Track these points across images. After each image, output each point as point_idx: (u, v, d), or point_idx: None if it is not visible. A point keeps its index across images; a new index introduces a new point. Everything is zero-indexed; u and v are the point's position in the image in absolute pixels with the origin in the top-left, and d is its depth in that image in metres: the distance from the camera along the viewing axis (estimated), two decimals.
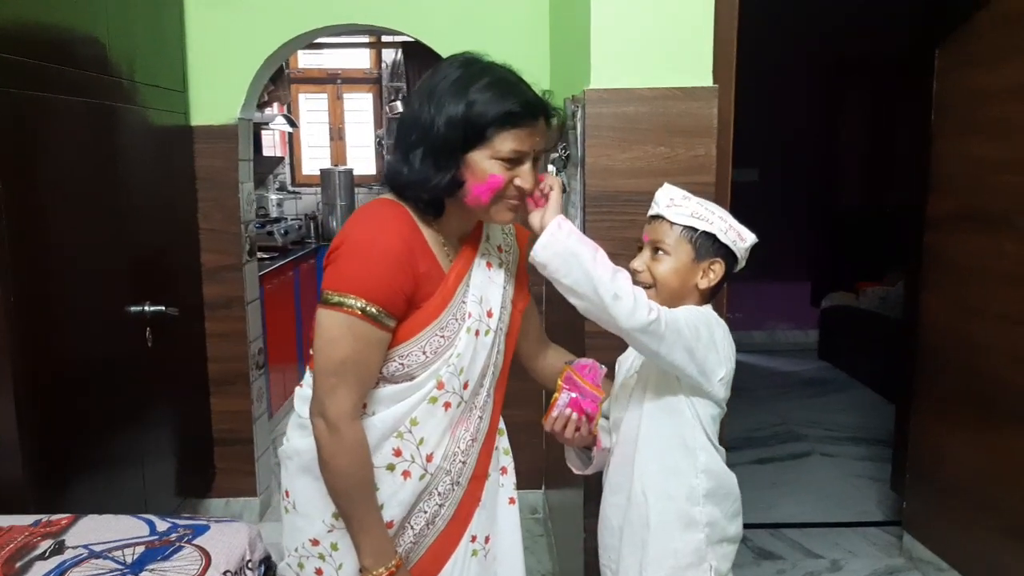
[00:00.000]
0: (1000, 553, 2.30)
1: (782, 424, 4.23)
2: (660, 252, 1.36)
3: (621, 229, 1.82)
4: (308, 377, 1.37)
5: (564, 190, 2.11)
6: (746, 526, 1.49)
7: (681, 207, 1.36)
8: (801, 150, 5.44)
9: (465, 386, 1.33)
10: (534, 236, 1.26)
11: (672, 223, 1.35)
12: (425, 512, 1.35)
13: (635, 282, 1.31)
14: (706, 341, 1.31)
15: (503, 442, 1.50)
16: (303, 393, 1.37)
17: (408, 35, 2.88)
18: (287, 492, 1.39)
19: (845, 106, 5.64)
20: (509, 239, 1.47)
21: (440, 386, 1.29)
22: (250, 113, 2.94)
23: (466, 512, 1.40)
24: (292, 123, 5.42)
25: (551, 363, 1.56)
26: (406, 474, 1.31)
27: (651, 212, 1.40)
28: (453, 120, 1.19)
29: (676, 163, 1.81)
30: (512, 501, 1.50)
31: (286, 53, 3.01)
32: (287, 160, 5.78)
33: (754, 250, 1.43)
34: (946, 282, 2.56)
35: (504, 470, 1.50)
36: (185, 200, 2.81)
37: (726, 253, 1.37)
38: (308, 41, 3.05)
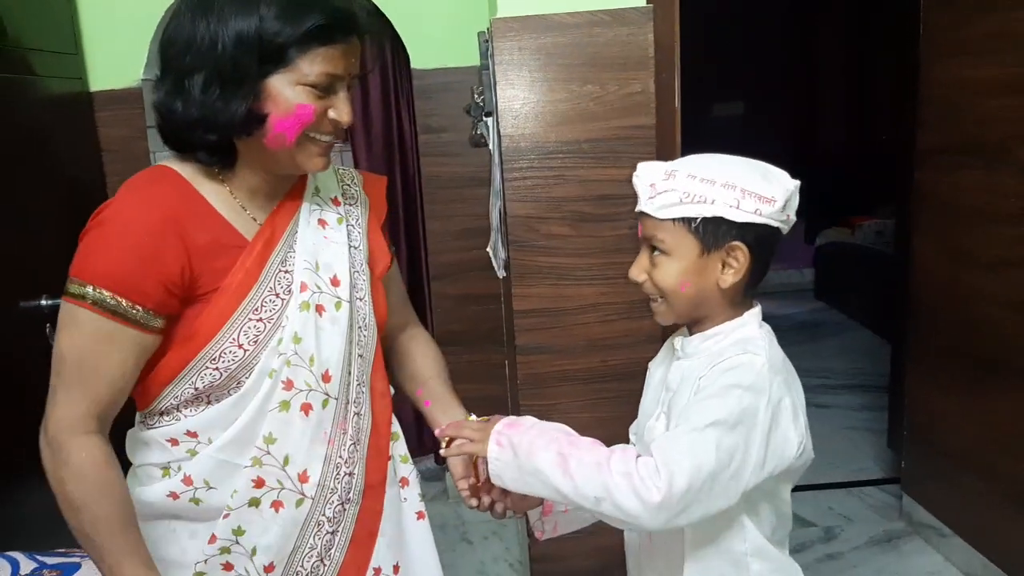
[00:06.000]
0: (1003, 520, 2.07)
1: None
2: (658, 252, 1.01)
3: (547, 188, 1.53)
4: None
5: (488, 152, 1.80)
6: None
7: (667, 192, 0.98)
8: (785, 83, 5.07)
9: (326, 378, 1.07)
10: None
11: (661, 218, 1.00)
12: (314, 548, 1.11)
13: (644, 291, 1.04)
14: (759, 443, 0.94)
15: (399, 448, 1.23)
16: (136, 436, 1.11)
17: None
18: None
19: (824, 38, 5.26)
20: (353, 188, 1.18)
21: (289, 385, 1.03)
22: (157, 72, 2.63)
23: (368, 531, 1.16)
24: None
25: (413, 347, 1.29)
26: (276, 505, 1.06)
27: (637, 207, 1.03)
28: (244, 35, 0.92)
29: (608, 104, 1.51)
30: (421, 515, 1.24)
31: None
32: None
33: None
34: (939, 224, 2.28)
35: (404, 481, 1.23)
36: (89, 175, 2.50)
37: (749, 230, 0.98)
38: None
